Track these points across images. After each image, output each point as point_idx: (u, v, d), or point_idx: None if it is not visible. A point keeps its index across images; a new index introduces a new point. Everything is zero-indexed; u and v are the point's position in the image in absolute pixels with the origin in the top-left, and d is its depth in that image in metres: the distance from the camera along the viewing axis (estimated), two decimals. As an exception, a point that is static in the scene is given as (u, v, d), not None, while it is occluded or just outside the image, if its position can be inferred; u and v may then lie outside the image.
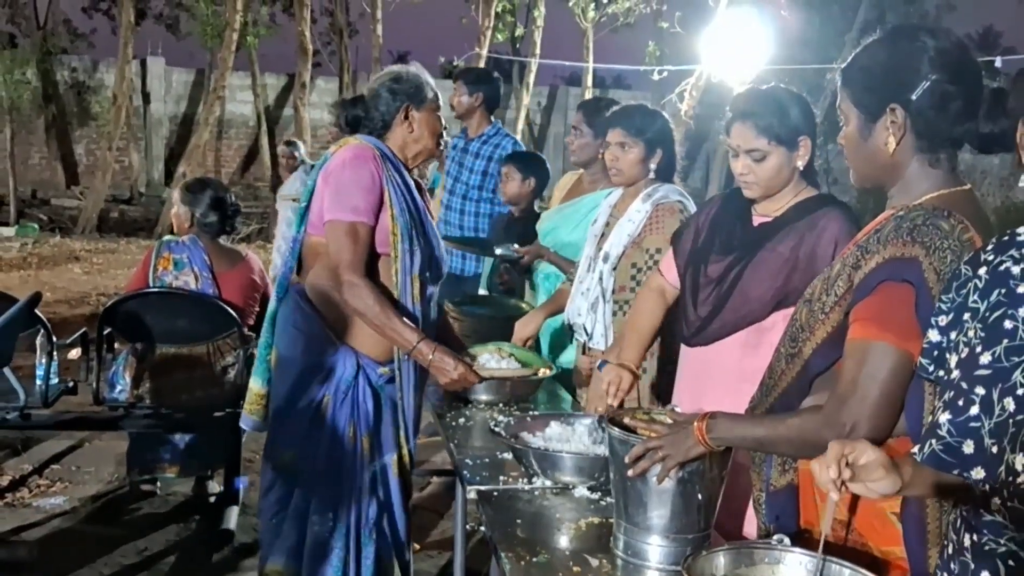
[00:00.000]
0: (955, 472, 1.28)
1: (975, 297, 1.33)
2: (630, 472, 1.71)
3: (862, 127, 1.64)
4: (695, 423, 1.68)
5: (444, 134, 2.74)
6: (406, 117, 2.63)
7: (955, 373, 1.31)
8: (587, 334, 2.92)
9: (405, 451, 2.67)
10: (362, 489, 2.60)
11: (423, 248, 2.61)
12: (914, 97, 1.57)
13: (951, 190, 1.59)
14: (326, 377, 2.56)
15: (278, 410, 2.63)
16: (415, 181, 2.74)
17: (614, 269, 2.85)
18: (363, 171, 2.52)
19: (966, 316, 1.33)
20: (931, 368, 1.40)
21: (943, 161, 1.61)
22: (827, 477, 1.30)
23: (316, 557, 2.56)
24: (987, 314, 1.30)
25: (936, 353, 1.39)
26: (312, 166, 6.24)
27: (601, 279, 2.87)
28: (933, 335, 1.39)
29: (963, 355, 1.31)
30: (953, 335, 1.35)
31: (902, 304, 1.48)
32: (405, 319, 2.53)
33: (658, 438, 1.71)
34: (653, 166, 2.85)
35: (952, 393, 1.29)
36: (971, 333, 1.32)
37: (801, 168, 2.20)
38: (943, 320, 1.38)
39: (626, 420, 1.84)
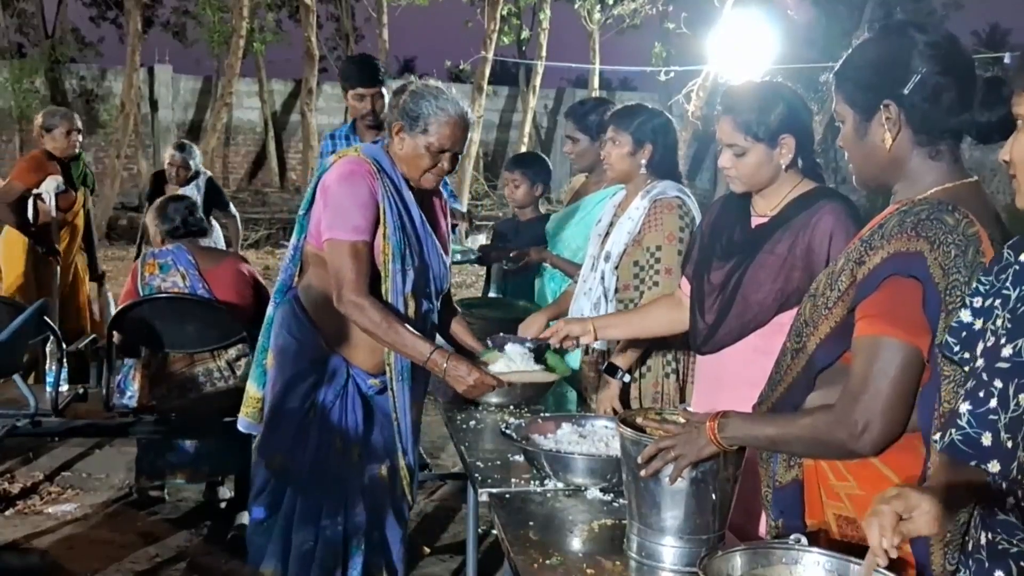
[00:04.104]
0: (973, 463, 1.27)
1: (1008, 284, 1.31)
2: (642, 472, 1.70)
3: (858, 126, 1.65)
4: (707, 422, 1.67)
5: (435, 176, 2.57)
6: (398, 132, 2.55)
7: (980, 362, 1.29)
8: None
9: (401, 463, 2.63)
10: (350, 498, 2.58)
11: (417, 267, 2.56)
12: (906, 91, 1.57)
13: (956, 183, 1.58)
14: (315, 383, 2.57)
15: (270, 412, 2.64)
16: (431, 191, 2.67)
17: (616, 268, 2.84)
18: (360, 187, 2.48)
19: (997, 303, 1.32)
20: (956, 348, 1.37)
21: (944, 153, 1.60)
22: (879, 543, 1.27)
23: (301, 564, 2.56)
24: (1017, 305, 1.28)
25: (964, 334, 1.36)
26: (209, 177, 6.13)
27: (603, 279, 2.86)
28: (965, 315, 1.37)
29: (989, 344, 1.29)
30: (989, 320, 1.33)
31: (909, 299, 1.47)
32: (414, 331, 2.49)
33: (670, 438, 1.70)
34: (643, 161, 2.83)
35: (974, 383, 1.28)
36: (999, 322, 1.30)
37: (785, 165, 2.19)
38: (978, 302, 1.35)
39: (638, 420, 1.83)
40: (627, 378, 2.79)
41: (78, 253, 5.35)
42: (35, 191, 4.99)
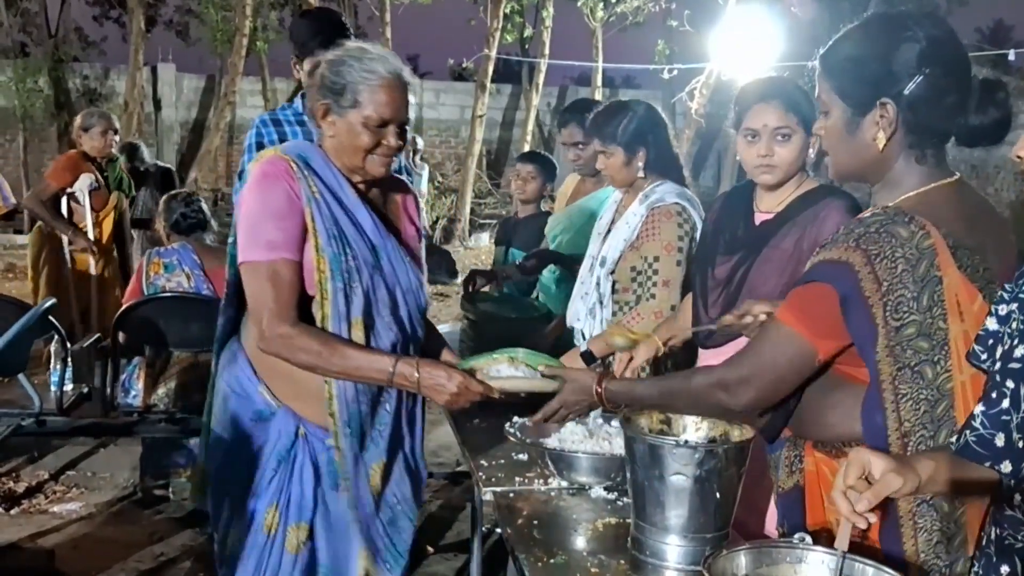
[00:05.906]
0: (987, 464, 1.27)
1: None
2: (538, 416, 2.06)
3: (848, 121, 1.57)
4: (594, 388, 1.96)
5: (382, 159, 2.06)
6: (324, 116, 2.06)
7: (997, 365, 1.30)
8: (584, 339, 2.88)
9: (362, 556, 2.12)
10: None
11: (370, 284, 2.05)
12: (907, 92, 1.50)
13: (935, 185, 1.53)
14: (257, 448, 2.09)
15: (212, 483, 2.19)
16: (390, 188, 2.22)
17: (611, 273, 2.80)
18: (274, 193, 1.99)
19: (1015, 307, 1.32)
20: (984, 356, 1.36)
21: (929, 157, 1.54)
22: (848, 510, 1.29)
23: None
24: None
25: (991, 342, 1.35)
26: (166, 169, 6.21)
27: (598, 284, 2.82)
28: (991, 323, 1.36)
29: (1006, 347, 1.30)
30: (1006, 325, 1.34)
31: (824, 304, 1.48)
32: (367, 347, 2.03)
33: (557, 400, 2.08)
34: (640, 164, 2.77)
35: (989, 384, 1.29)
36: (1015, 325, 1.30)
37: (812, 157, 2.21)
38: (1003, 309, 1.35)
39: (641, 421, 1.83)
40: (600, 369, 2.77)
41: (109, 254, 5.38)
42: (69, 190, 5.05)
